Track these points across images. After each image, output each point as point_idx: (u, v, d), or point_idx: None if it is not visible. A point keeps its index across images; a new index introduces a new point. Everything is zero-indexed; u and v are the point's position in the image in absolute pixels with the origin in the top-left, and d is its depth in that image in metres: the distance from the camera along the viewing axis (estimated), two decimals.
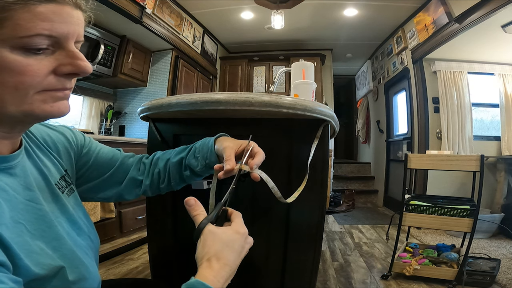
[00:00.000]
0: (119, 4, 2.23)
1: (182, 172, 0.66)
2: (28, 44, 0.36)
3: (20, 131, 0.44)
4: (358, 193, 4.41)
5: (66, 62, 0.40)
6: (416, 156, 1.78)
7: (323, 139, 0.81)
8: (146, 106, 0.84)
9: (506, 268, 1.83)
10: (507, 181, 2.79)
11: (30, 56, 0.37)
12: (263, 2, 3.06)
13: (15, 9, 0.35)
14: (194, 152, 0.65)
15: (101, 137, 2.02)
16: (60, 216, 0.49)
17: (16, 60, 0.36)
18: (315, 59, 4.01)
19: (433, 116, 3.29)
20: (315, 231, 0.82)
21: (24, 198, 0.42)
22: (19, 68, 0.36)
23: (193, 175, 0.67)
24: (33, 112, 0.39)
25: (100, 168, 0.64)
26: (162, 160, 0.68)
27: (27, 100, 0.38)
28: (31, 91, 0.38)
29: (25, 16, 0.36)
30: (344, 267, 1.95)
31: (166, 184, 0.68)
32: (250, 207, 0.86)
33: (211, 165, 0.62)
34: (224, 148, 0.59)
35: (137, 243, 2.16)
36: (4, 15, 0.35)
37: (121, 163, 0.67)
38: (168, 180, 0.67)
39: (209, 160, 0.63)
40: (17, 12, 0.35)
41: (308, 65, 1.28)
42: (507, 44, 2.80)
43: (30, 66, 0.37)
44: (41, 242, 0.41)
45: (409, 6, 3.15)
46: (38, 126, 0.55)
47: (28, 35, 0.36)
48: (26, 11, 0.36)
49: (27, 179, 0.45)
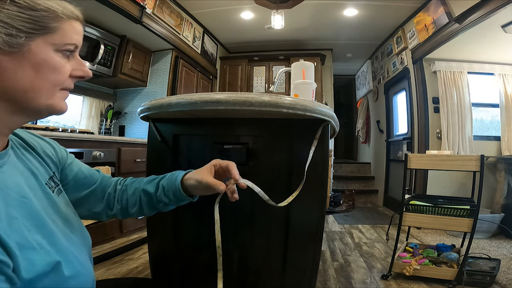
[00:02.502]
0: (119, 4, 2.23)
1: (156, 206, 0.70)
2: (65, 49, 0.46)
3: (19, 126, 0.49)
4: (358, 193, 4.41)
5: (78, 67, 0.49)
6: (416, 156, 1.78)
7: (323, 139, 0.81)
8: (146, 106, 0.84)
9: (506, 268, 1.83)
10: (507, 181, 2.79)
11: (63, 59, 0.47)
12: (263, 2, 3.06)
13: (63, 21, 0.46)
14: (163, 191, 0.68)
15: (101, 137, 2.02)
16: (53, 214, 0.50)
17: (58, 61, 0.46)
18: (315, 59, 4.01)
19: (433, 116, 3.29)
20: (315, 231, 0.82)
21: (17, 195, 0.44)
22: (58, 67, 0.46)
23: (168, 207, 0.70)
24: (54, 107, 0.47)
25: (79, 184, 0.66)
26: (131, 188, 0.71)
27: (54, 95, 0.46)
28: (58, 88, 0.47)
29: (69, 28, 0.47)
30: (344, 267, 1.95)
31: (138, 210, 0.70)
32: (250, 207, 0.86)
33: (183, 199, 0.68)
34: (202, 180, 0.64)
35: (137, 243, 2.16)
36: (57, 25, 0.45)
37: (100, 183, 0.70)
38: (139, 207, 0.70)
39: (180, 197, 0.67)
40: (64, 23, 0.46)
41: (308, 65, 1.28)
42: (507, 44, 2.80)
43: (63, 67, 0.46)
44: (39, 237, 0.43)
45: (409, 6, 3.15)
46: (27, 133, 0.59)
47: (69, 42, 0.46)
48: (68, 24, 0.47)
49: (17, 177, 0.47)
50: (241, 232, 0.88)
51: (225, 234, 0.85)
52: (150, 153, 0.96)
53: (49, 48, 0.44)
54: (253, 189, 0.64)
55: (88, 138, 1.87)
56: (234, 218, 0.86)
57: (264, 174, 0.85)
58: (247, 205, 0.86)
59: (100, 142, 1.94)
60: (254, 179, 0.85)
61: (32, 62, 0.43)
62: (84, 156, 1.80)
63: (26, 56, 0.43)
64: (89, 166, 0.71)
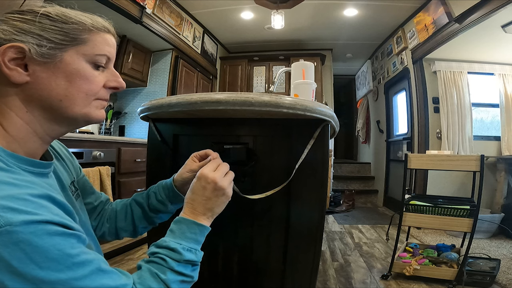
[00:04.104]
0: (119, 4, 2.23)
1: (148, 215, 0.71)
2: (97, 60, 0.49)
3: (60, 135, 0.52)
4: (358, 193, 4.40)
5: (112, 78, 0.52)
6: (416, 156, 1.78)
7: (323, 139, 0.81)
8: (146, 106, 0.84)
9: (506, 268, 1.83)
10: (507, 181, 2.79)
11: (96, 70, 0.49)
12: (263, 2, 3.06)
13: (94, 33, 0.48)
14: (155, 195, 0.70)
15: (101, 137, 2.02)
16: None
17: (90, 71, 0.48)
18: (315, 59, 4.01)
19: (433, 116, 3.29)
20: (315, 231, 0.82)
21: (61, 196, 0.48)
22: (91, 77, 0.48)
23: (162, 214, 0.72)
24: (89, 115, 0.49)
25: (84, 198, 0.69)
26: (119, 205, 0.73)
27: (89, 104, 0.49)
28: (92, 98, 0.49)
29: (100, 40, 0.49)
30: (344, 267, 1.95)
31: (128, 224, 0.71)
32: (250, 207, 0.86)
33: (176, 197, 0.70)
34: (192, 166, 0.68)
35: (137, 243, 2.16)
36: (87, 36, 0.48)
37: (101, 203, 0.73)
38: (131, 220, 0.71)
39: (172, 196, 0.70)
40: (95, 35, 0.49)
41: (308, 65, 1.27)
42: (507, 44, 2.80)
43: (96, 77, 0.49)
44: None
45: (409, 6, 3.15)
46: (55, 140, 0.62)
47: (100, 54, 0.49)
48: (100, 36, 0.49)
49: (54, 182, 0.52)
50: (241, 232, 0.88)
51: (225, 234, 0.85)
52: (150, 153, 0.96)
53: (81, 59, 0.47)
54: None
55: (88, 138, 1.87)
56: (234, 218, 0.86)
57: (264, 174, 0.85)
58: (247, 205, 0.86)
59: (100, 142, 1.94)
60: (254, 179, 0.85)
61: (65, 72, 0.45)
62: (84, 156, 1.80)
63: (59, 66, 0.45)
64: None
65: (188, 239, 0.52)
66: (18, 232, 0.33)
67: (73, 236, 0.38)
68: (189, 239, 0.52)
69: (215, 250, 0.87)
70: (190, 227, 0.53)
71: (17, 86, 0.44)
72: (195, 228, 0.53)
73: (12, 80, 0.43)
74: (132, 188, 2.20)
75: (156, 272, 0.47)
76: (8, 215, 0.33)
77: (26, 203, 0.35)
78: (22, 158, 0.44)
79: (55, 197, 0.40)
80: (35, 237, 0.34)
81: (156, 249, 0.50)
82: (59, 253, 0.35)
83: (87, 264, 0.38)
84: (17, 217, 0.33)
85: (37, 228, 0.34)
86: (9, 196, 0.34)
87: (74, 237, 0.38)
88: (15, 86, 0.44)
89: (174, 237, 0.51)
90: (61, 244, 0.36)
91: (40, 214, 0.35)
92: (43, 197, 0.38)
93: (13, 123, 0.44)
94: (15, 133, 0.44)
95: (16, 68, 0.43)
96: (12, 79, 0.43)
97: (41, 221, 0.35)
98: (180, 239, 0.51)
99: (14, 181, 0.37)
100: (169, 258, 0.48)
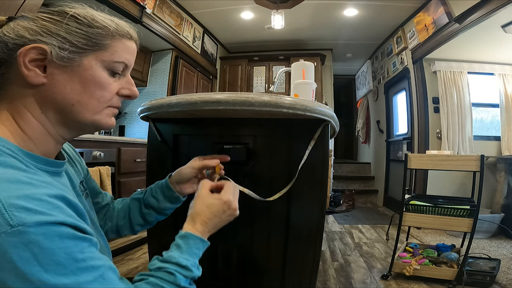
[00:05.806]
0: (119, 4, 2.23)
1: (143, 212, 0.72)
2: (114, 67, 0.48)
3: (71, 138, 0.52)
4: (358, 193, 4.40)
5: (126, 86, 0.51)
6: (416, 156, 1.78)
7: (323, 139, 0.81)
8: (146, 106, 0.84)
9: (506, 268, 1.83)
10: (507, 181, 2.79)
11: (111, 77, 0.48)
12: (263, 2, 3.06)
13: (116, 39, 0.48)
14: (151, 192, 0.72)
15: (101, 137, 2.02)
16: None
17: (105, 78, 0.47)
18: (315, 59, 4.01)
19: (433, 116, 3.29)
20: (315, 231, 0.82)
21: None
22: (105, 84, 0.47)
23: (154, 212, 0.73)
24: (99, 122, 0.49)
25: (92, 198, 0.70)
26: (120, 204, 0.75)
27: (100, 111, 0.48)
28: (105, 105, 0.48)
29: (121, 47, 0.48)
30: (344, 267, 1.95)
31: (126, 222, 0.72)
32: (250, 207, 0.86)
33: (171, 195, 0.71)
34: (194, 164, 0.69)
35: (137, 243, 2.16)
36: (109, 42, 0.47)
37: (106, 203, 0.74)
38: (128, 219, 0.72)
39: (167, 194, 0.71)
40: (116, 41, 0.48)
41: (308, 65, 1.27)
42: (507, 44, 2.80)
43: (111, 85, 0.48)
44: None
45: (409, 6, 3.15)
46: None
47: (119, 61, 0.48)
48: (121, 43, 0.49)
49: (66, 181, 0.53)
50: (241, 232, 0.88)
51: (225, 234, 0.85)
52: (150, 153, 0.96)
53: (98, 65, 0.46)
54: None
55: (88, 138, 1.86)
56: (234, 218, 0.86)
57: (264, 174, 0.85)
58: (247, 205, 0.86)
59: (100, 142, 1.94)
60: (254, 179, 0.85)
61: (81, 77, 0.45)
62: (84, 156, 1.80)
63: (76, 71, 0.45)
64: None
65: (194, 254, 0.52)
66: (30, 233, 0.33)
67: (85, 240, 0.38)
68: (194, 255, 0.52)
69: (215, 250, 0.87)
70: (196, 243, 0.53)
71: (33, 87, 0.44)
72: (199, 244, 0.53)
73: (28, 81, 0.43)
74: (132, 188, 2.20)
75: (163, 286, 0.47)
76: (22, 215, 0.33)
77: (42, 203, 0.35)
78: (38, 157, 0.44)
79: (69, 198, 0.40)
80: (45, 239, 0.34)
81: (163, 264, 0.49)
82: (66, 257, 0.35)
83: (92, 271, 0.37)
84: (31, 218, 0.33)
85: (49, 230, 0.34)
86: (25, 196, 0.34)
87: (86, 241, 0.38)
88: (32, 87, 0.44)
89: (181, 253, 0.51)
90: (70, 248, 0.36)
91: (54, 215, 0.35)
92: (58, 197, 0.38)
93: (29, 123, 0.44)
94: (31, 133, 0.45)
95: (35, 69, 0.43)
96: (29, 79, 0.43)
97: (54, 223, 0.35)
98: (188, 254, 0.51)
99: (32, 180, 0.37)
100: (178, 274, 0.48)
